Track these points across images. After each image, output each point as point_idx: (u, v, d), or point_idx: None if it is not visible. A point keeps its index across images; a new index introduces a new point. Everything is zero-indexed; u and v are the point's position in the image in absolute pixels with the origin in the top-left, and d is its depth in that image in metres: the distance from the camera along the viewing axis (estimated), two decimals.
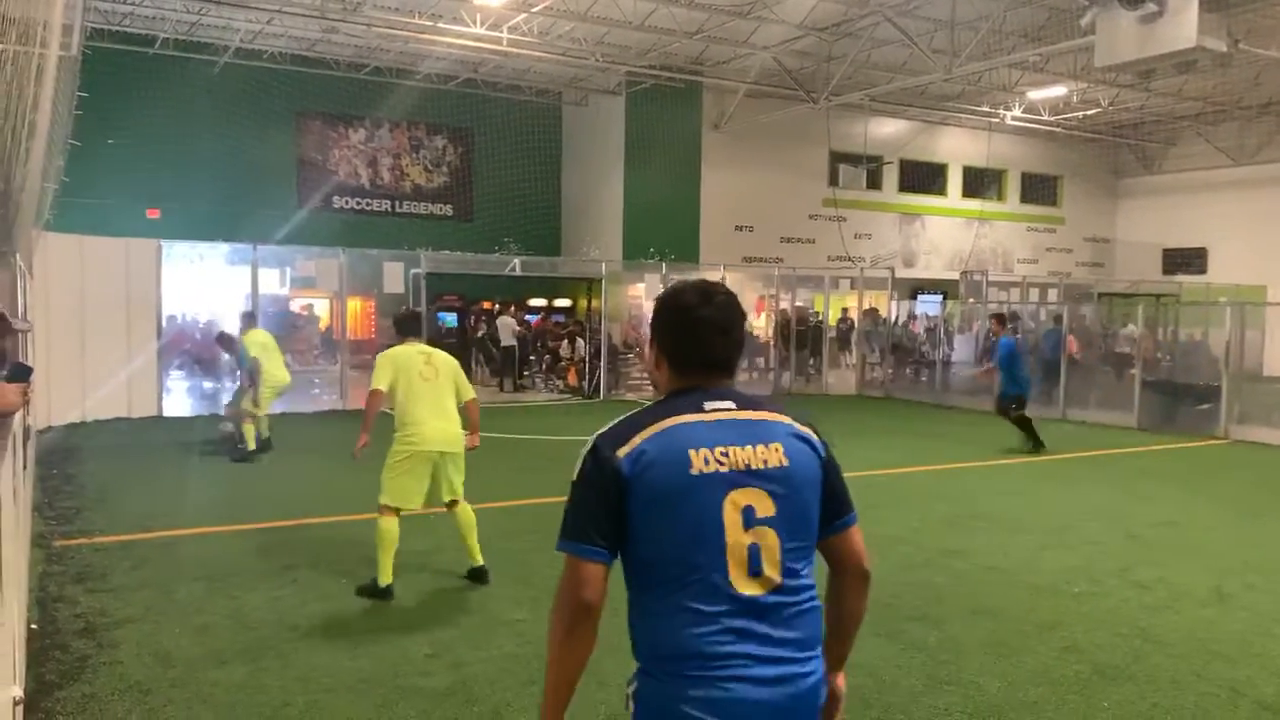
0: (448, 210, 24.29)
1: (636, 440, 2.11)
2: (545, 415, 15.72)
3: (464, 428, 6.31)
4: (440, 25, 18.05)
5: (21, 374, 4.64)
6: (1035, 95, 23.33)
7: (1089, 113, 24.85)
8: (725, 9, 17.99)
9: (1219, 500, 9.80)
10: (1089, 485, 10.46)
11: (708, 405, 2.17)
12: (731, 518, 2.07)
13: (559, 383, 19.90)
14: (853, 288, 22.03)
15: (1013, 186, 29.15)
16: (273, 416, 11.79)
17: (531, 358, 20.86)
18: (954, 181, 28.00)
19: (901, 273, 24.16)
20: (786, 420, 2.22)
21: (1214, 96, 23.55)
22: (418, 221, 23.59)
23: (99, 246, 13.92)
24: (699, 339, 2.24)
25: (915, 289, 25.55)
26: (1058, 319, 17.82)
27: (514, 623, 5.58)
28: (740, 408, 2.19)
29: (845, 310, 22.76)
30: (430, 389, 6.15)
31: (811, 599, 2.16)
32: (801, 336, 21.48)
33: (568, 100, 24.87)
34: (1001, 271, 26.71)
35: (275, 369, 11.14)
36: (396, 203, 23.83)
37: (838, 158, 25.22)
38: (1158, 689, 4.80)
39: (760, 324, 23.48)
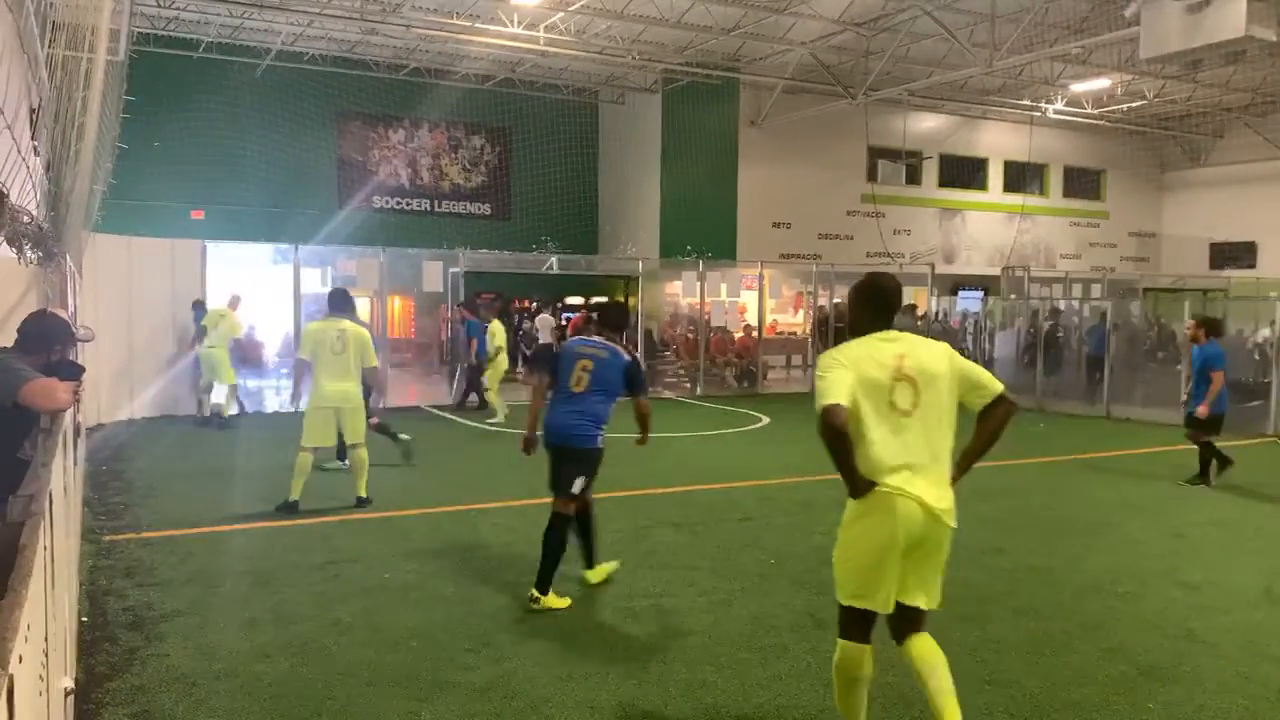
0: (486, 209, 24.45)
1: (569, 340, 6.46)
2: None
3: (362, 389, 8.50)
4: (478, 25, 18.17)
5: (72, 373, 4.75)
6: (1078, 88, 22.93)
7: (1133, 105, 24.40)
8: (762, 5, 17.91)
9: (1269, 499, 9.61)
10: (1134, 483, 10.30)
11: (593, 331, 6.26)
12: (578, 370, 5.79)
13: None
14: None
15: (1055, 181, 28.72)
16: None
17: None
18: (995, 176, 27.64)
19: (942, 269, 23.92)
20: (617, 348, 5.90)
21: (1263, 87, 23.03)
22: (456, 220, 23.78)
23: (146, 247, 14.18)
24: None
25: (956, 285, 25.28)
26: (1102, 315, 17.54)
27: (554, 617, 5.60)
28: (600, 336, 6.06)
29: None
30: (338, 360, 8.15)
31: (597, 400, 5.76)
32: (840, 334, 21.32)
33: (604, 99, 24.90)
34: (1044, 267, 26.33)
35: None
36: (435, 202, 24.02)
37: (876, 153, 25.02)
38: (1205, 691, 4.72)
39: (798, 320, 23.38)
